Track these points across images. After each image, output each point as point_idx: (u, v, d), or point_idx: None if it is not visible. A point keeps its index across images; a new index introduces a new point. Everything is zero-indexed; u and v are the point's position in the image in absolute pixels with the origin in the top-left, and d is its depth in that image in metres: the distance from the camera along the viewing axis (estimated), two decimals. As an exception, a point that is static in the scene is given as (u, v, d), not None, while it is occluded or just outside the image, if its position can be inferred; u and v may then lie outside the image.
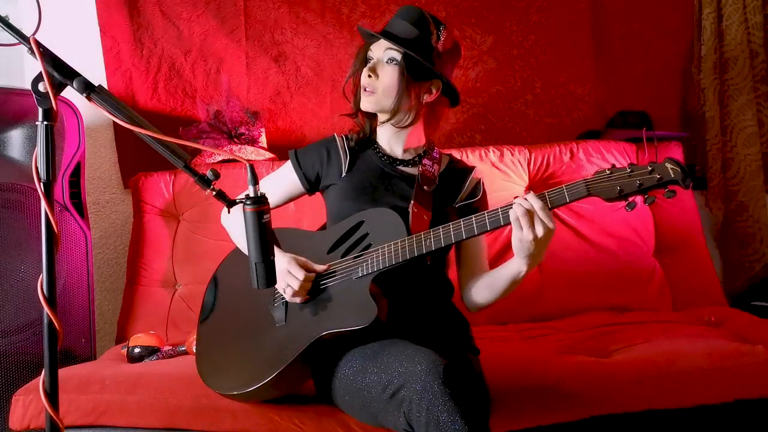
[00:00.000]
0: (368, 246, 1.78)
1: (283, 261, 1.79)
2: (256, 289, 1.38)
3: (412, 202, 1.84)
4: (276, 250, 1.73)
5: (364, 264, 1.75)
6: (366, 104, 1.88)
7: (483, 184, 1.98)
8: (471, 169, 2.01)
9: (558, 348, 2.20)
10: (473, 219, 1.64)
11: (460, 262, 1.93)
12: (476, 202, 1.94)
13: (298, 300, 1.80)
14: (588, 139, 2.93)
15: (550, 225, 1.56)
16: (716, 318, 2.45)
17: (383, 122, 1.91)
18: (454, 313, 1.95)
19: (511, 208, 1.58)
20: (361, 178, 1.93)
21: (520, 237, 1.58)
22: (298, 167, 1.98)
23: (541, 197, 1.58)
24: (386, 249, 1.72)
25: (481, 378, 1.80)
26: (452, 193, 1.94)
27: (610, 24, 3.15)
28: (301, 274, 1.77)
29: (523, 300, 2.64)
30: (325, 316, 1.74)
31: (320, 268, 1.81)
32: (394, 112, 1.88)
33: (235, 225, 2.00)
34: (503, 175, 2.78)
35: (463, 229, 1.65)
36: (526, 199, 1.58)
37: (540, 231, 1.55)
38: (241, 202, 1.34)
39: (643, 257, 2.74)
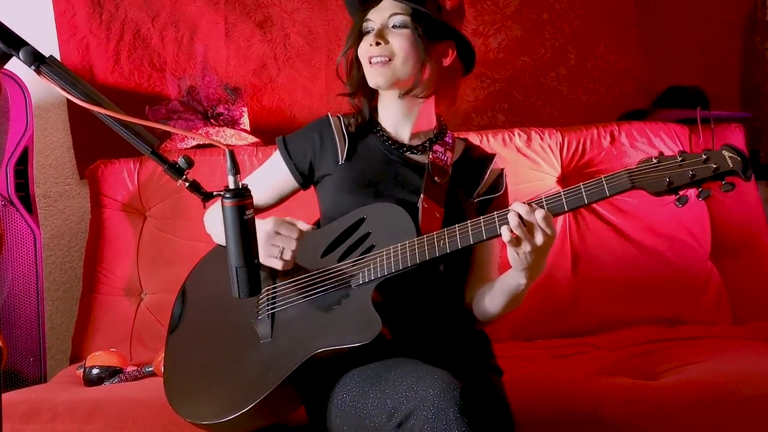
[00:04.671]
0: (370, 248, 1.79)
1: (267, 222, 1.81)
2: (237, 298, 1.39)
3: (422, 196, 1.85)
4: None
5: (366, 269, 1.76)
6: (378, 78, 1.89)
7: (506, 175, 2.00)
8: (491, 157, 2.01)
9: (596, 368, 2.22)
10: (481, 222, 1.68)
11: (467, 267, 1.97)
12: (498, 198, 1.97)
13: (282, 264, 1.82)
14: (631, 120, 2.94)
15: (549, 232, 1.59)
16: (785, 333, 2.48)
17: (402, 95, 1.92)
18: (472, 327, 1.95)
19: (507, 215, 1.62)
20: (361, 167, 1.94)
21: (513, 248, 1.62)
22: (288, 157, 2.00)
23: (538, 203, 1.62)
24: (392, 252, 1.74)
25: (505, 404, 1.79)
26: (469, 186, 1.96)
27: (658, -17, 3.18)
28: (293, 231, 1.80)
29: (554, 311, 2.66)
30: (319, 331, 1.74)
31: (304, 226, 1.84)
32: (414, 82, 1.89)
33: (215, 222, 2.01)
34: (531, 164, 2.79)
35: (483, 228, 1.67)
36: (523, 206, 1.62)
37: (539, 240, 1.60)
38: (219, 195, 1.35)
39: (698, 261, 2.75)
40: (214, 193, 1.37)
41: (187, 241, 2.74)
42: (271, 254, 1.82)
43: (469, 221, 1.69)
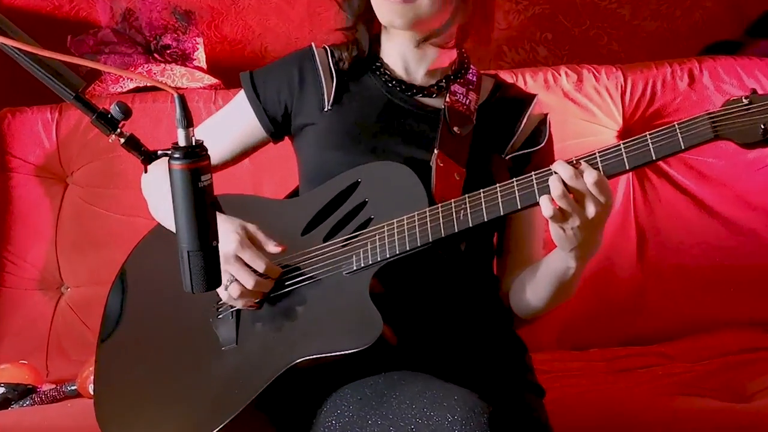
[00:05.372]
0: (367, 222, 1.79)
1: (229, 235, 1.79)
2: (190, 293, 1.39)
3: (436, 151, 1.86)
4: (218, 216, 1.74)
5: (362, 251, 1.75)
6: (393, 17, 1.87)
7: (550, 123, 2.00)
8: (531, 98, 2.02)
9: (669, 387, 2.23)
10: (515, 186, 1.66)
11: (502, 246, 2.00)
12: (539, 153, 1.96)
13: (241, 304, 1.82)
14: (717, 54, 2.94)
15: (603, 200, 1.58)
16: None
17: (420, 43, 1.92)
18: (505, 329, 1.96)
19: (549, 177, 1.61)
20: (355, 115, 1.95)
21: (558, 223, 1.62)
22: (256, 99, 2.00)
23: (589, 161, 1.60)
24: (395, 227, 1.73)
25: (548, 433, 1.82)
26: (500, 137, 1.96)
27: None
28: (261, 265, 1.78)
29: (613, 310, 2.69)
30: (300, 334, 1.75)
31: (274, 249, 1.80)
32: (439, 27, 1.89)
33: (159, 192, 2.00)
34: (582, 113, 2.81)
35: (517, 195, 1.66)
36: (567, 167, 1.59)
37: (591, 211, 1.59)
38: (166, 155, 1.34)
39: (805, 243, 2.78)
40: (159, 152, 1.36)
41: (123, 216, 2.76)
42: (222, 280, 1.78)
43: (498, 185, 1.67)
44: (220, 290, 1.80)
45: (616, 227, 2.72)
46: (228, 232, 1.79)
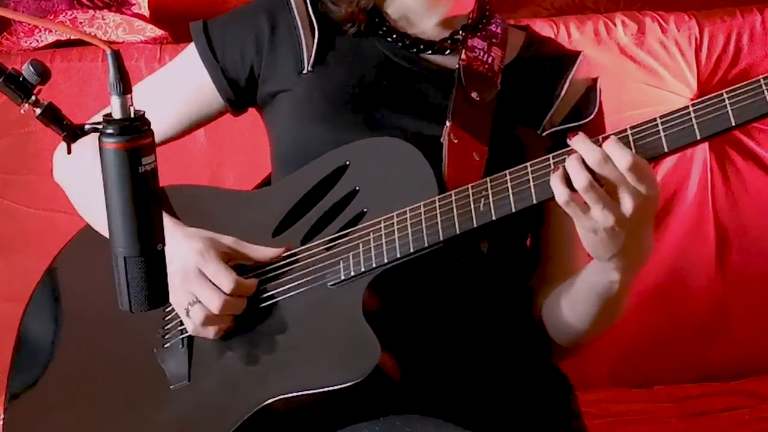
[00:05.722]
0: (358, 217, 1.79)
1: (186, 249, 1.80)
2: (128, 313, 1.39)
3: (448, 123, 1.86)
4: (168, 222, 1.74)
5: (351, 255, 1.75)
6: None
7: (600, 90, 2.01)
8: (574, 57, 2.03)
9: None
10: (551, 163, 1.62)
11: (538, 252, 2.02)
12: (586, 129, 1.79)
13: (211, 333, 1.82)
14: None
15: (644, 189, 1.54)
16: None
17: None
18: (539, 360, 1.97)
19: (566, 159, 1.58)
20: (342, 78, 1.95)
21: (586, 224, 1.58)
22: (211, 57, 2.00)
23: (623, 138, 1.57)
24: (396, 223, 1.73)
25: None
26: (534, 108, 1.97)
27: None
28: (228, 280, 1.77)
29: (684, 336, 2.69)
30: (272, 367, 1.76)
31: (272, 252, 1.82)
32: None
33: (86, 179, 2.00)
34: (645, 75, 2.83)
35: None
36: (590, 146, 1.56)
37: (628, 206, 1.55)
38: (96, 130, 1.33)
39: None
40: (86, 126, 1.34)
41: (41, 211, 2.77)
42: (179, 303, 1.81)
43: (530, 163, 1.65)
44: (183, 317, 1.82)
45: (688, 226, 2.69)
46: (186, 246, 1.81)
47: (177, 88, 2.06)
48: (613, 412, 2.42)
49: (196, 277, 1.77)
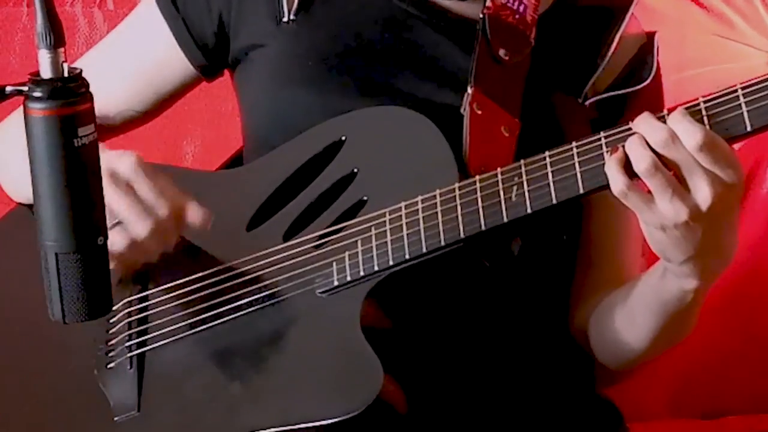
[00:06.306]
0: (356, 208, 1.72)
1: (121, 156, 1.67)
2: (61, 324, 1.31)
3: (470, 89, 1.75)
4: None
5: (348, 255, 1.68)
6: None
7: (658, 48, 1.89)
8: (625, 6, 1.91)
9: None
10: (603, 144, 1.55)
11: (578, 255, 1.96)
12: (640, 96, 1.88)
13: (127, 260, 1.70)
14: None
15: (726, 176, 1.44)
16: None
17: None
18: (581, 387, 1.92)
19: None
20: (333, 30, 1.87)
21: (652, 219, 1.49)
22: (173, 8, 1.92)
23: (694, 113, 1.46)
24: (403, 216, 1.65)
25: None
26: (575, 70, 1.88)
27: None
28: (159, 198, 1.65)
29: (760, 357, 2.68)
30: (248, 393, 1.71)
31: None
32: None
33: (16, 156, 1.87)
34: (718, 26, 2.78)
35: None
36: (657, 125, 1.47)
37: (705, 196, 1.44)
38: (20, 92, 1.26)
39: None
40: (8, 87, 1.27)
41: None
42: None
43: (575, 143, 1.55)
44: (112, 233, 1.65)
45: (765, 220, 2.64)
46: (119, 154, 1.69)
47: (132, 52, 2.03)
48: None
49: (123, 189, 1.68)
